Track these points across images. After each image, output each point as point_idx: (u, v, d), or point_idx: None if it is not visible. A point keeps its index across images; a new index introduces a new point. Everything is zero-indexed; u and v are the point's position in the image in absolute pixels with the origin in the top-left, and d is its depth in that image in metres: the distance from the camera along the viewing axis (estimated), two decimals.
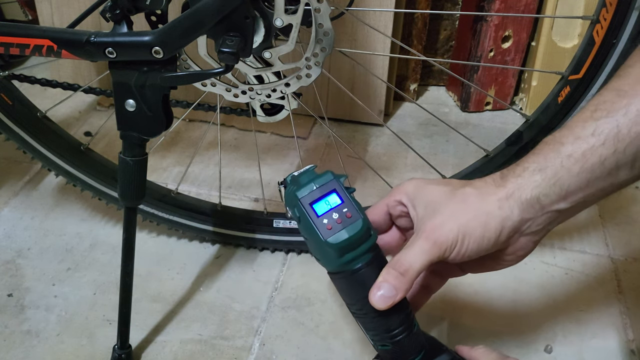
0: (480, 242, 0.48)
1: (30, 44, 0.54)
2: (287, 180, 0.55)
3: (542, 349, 0.72)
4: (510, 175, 0.49)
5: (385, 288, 0.48)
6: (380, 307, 0.48)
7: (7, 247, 0.85)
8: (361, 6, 0.97)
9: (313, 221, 0.50)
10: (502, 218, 0.47)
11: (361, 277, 0.51)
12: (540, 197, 0.47)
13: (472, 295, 0.78)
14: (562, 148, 0.47)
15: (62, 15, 1.11)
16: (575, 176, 0.46)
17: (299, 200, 0.51)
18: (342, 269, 0.51)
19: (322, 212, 0.51)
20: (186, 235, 0.87)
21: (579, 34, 1.06)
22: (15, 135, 0.75)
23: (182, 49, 0.59)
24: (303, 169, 0.54)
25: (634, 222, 0.91)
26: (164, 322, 0.75)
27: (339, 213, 0.50)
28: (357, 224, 0.50)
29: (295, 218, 0.53)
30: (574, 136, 0.46)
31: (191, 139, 1.10)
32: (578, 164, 0.46)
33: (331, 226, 0.50)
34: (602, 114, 0.45)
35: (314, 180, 0.52)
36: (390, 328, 0.52)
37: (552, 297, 0.78)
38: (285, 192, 0.55)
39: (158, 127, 0.59)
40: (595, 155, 0.45)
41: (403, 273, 0.48)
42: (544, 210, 0.48)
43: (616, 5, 0.58)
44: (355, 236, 0.50)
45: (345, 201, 0.51)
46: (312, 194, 0.51)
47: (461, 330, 0.74)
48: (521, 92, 1.19)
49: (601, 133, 0.45)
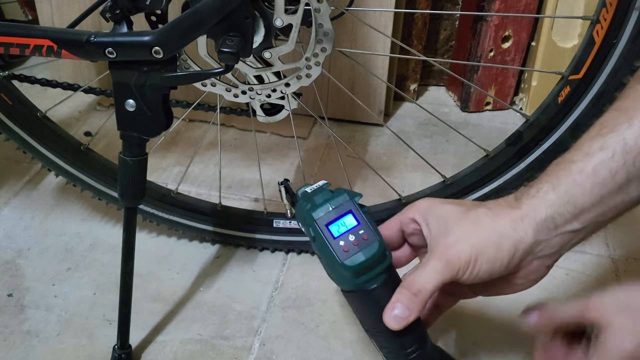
0: (493, 263, 0.48)
1: (30, 44, 0.54)
2: (298, 195, 0.55)
3: None
4: (524, 197, 0.49)
5: (398, 309, 0.48)
6: (394, 327, 0.48)
7: (7, 247, 0.85)
8: (361, 6, 0.97)
9: (329, 243, 0.50)
10: (516, 240, 0.48)
11: (376, 297, 0.51)
12: (555, 216, 0.47)
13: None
14: (572, 166, 0.47)
15: (62, 15, 1.11)
16: (587, 192, 0.46)
17: (314, 222, 0.51)
18: (356, 288, 0.51)
19: (338, 234, 0.51)
20: (186, 235, 0.87)
21: (579, 34, 1.06)
22: (15, 135, 0.75)
23: (182, 49, 0.59)
24: (316, 186, 0.54)
25: (635, 223, 0.91)
26: (164, 322, 0.75)
27: (355, 235, 0.50)
28: (373, 247, 0.50)
29: (309, 236, 0.53)
30: (583, 153, 0.47)
31: (191, 139, 1.10)
32: (590, 179, 0.46)
33: (347, 248, 0.50)
34: (607, 130, 0.47)
35: (329, 200, 0.52)
36: (404, 346, 0.52)
37: (553, 297, 0.78)
38: (296, 208, 0.55)
39: (158, 127, 0.59)
40: (606, 168, 0.46)
41: (416, 294, 0.48)
42: (558, 231, 0.48)
43: (616, 5, 0.58)
44: (371, 259, 0.50)
45: (361, 222, 0.51)
46: (328, 215, 0.51)
47: (461, 330, 0.74)
48: (521, 92, 1.19)
49: (609, 147, 0.46)
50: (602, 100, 0.62)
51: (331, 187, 0.55)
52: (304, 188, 0.55)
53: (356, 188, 0.97)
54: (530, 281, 0.51)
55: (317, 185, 0.54)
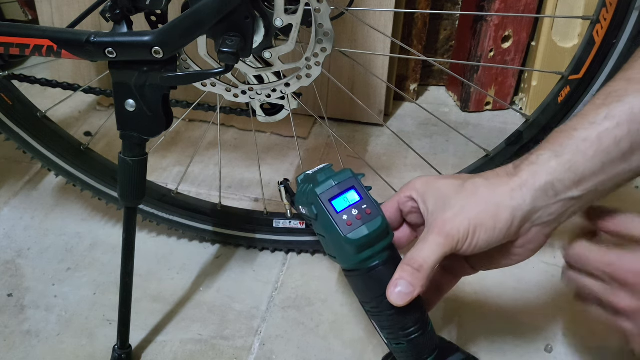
0: (492, 233, 0.48)
1: (30, 44, 0.54)
2: (298, 180, 0.55)
3: (543, 348, 0.72)
4: (524, 164, 0.49)
5: (402, 285, 0.48)
6: (398, 303, 0.48)
7: (7, 247, 0.85)
8: (361, 6, 0.97)
9: (333, 217, 0.50)
10: (513, 208, 0.48)
11: (377, 275, 0.51)
12: (555, 182, 0.47)
13: (471, 294, 0.78)
14: (576, 133, 0.47)
15: (62, 15, 1.11)
16: (590, 159, 0.46)
17: (317, 197, 0.51)
18: (359, 266, 0.51)
19: (341, 208, 0.51)
20: (186, 235, 0.87)
21: (579, 34, 1.06)
22: (15, 135, 0.75)
23: (182, 49, 0.59)
24: (318, 167, 0.54)
25: None
26: (164, 322, 0.75)
27: (359, 209, 0.51)
28: (376, 221, 0.50)
29: (311, 215, 0.53)
30: (588, 121, 0.47)
31: (191, 139, 1.10)
32: (593, 146, 0.46)
33: (351, 222, 0.50)
34: (613, 99, 0.46)
35: (332, 177, 0.52)
36: (406, 326, 0.52)
37: (552, 296, 0.78)
38: (296, 193, 0.55)
39: (158, 127, 0.59)
40: (611, 136, 0.45)
41: (418, 269, 0.48)
42: (557, 198, 0.48)
43: (616, 5, 0.58)
44: (375, 232, 0.50)
45: (364, 198, 0.51)
46: (331, 191, 0.51)
47: (461, 329, 0.74)
48: (521, 92, 1.19)
49: (615, 116, 0.45)
50: None
51: None
52: (304, 173, 0.55)
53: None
54: (529, 250, 0.51)
55: (321, 166, 0.55)
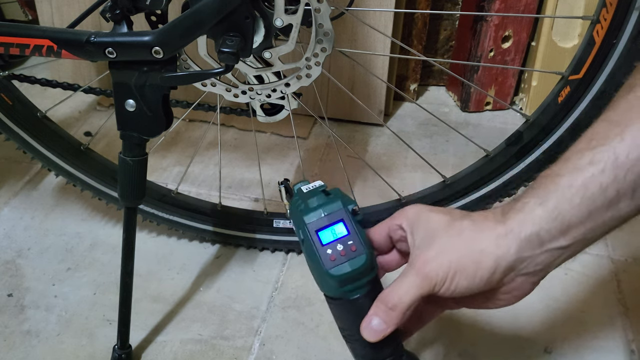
0: (472, 280, 0.47)
1: (30, 44, 0.54)
2: (294, 190, 0.54)
3: (542, 349, 0.72)
4: (511, 211, 0.47)
5: (375, 322, 0.48)
6: (370, 339, 0.48)
7: (7, 247, 0.85)
8: (361, 6, 0.97)
9: (317, 249, 0.50)
10: (497, 256, 0.46)
11: (357, 307, 0.50)
12: (541, 232, 0.45)
13: None
14: (561, 180, 0.45)
15: (62, 15, 1.11)
16: (576, 207, 0.45)
17: (305, 226, 0.51)
18: (339, 296, 0.51)
19: (327, 241, 0.50)
20: (186, 235, 0.87)
21: (579, 34, 1.06)
22: (15, 135, 0.75)
23: (182, 49, 0.59)
24: (312, 186, 0.54)
25: (634, 223, 0.91)
26: (164, 322, 0.75)
27: (344, 245, 0.50)
28: (360, 259, 0.50)
29: (298, 237, 0.52)
30: (572, 167, 0.45)
31: (191, 139, 1.10)
32: (579, 194, 0.44)
33: (335, 257, 0.49)
34: (597, 143, 0.45)
35: (322, 206, 0.51)
36: (378, 357, 0.52)
37: (552, 297, 0.78)
38: (290, 203, 0.54)
39: (158, 127, 0.59)
40: (596, 183, 0.44)
41: (392, 308, 0.48)
42: (543, 248, 0.46)
43: (616, 5, 0.58)
44: (357, 271, 0.49)
45: (351, 233, 0.51)
46: (319, 221, 0.51)
47: (461, 330, 0.74)
48: (521, 92, 1.19)
49: (599, 161, 0.44)
50: (602, 100, 0.62)
51: (331, 186, 0.55)
52: (300, 184, 0.54)
53: (356, 188, 0.97)
54: (514, 297, 0.49)
55: (314, 185, 0.54)
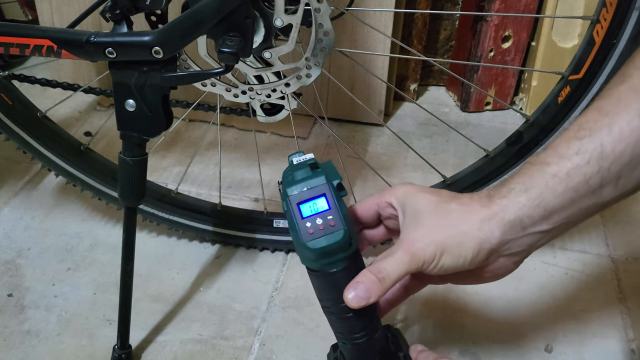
0: (457, 260, 0.49)
1: (30, 44, 0.54)
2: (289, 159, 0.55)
3: (543, 348, 0.72)
4: (496, 195, 0.49)
5: (360, 289, 0.49)
6: (352, 306, 0.49)
7: (7, 247, 0.85)
8: (361, 6, 0.97)
9: (297, 221, 0.50)
10: (481, 240, 0.48)
11: (335, 280, 0.51)
12: (524, 218, 0.47)
13: (472, 294, 0.78)
14: (547, 168, 0.47)
15: (62, 15, 1.11)
16: (559, 196, 0.46)
17: (288, 197, 0.51)
18: (318, 268, 0.52)
19: (307, 214, 0.51)
20: (186, 235, 0.87)
21: (579, 34, 1.06)
22: (15, 135, 0.75)
23: (182, 49, 0.59)
24: (303, 159, 0.54)
25: (634, 222, 0.91)
26: (164, 322, 0.75)
27: (323, 219, 0.50)
28: (337, 234, 0.50)
29: (283, 209, 0.53)
30: (559, 156, 0.47)
31: (191, 139, 1.10)
32: (563, 183, 0.46)
33: (313, 230, 0.50)
34: (585, 133, 0.46)
35: (306, 179, 0.52)
36: (353, 330, 0.53)
37: (552, 296, 0.78)
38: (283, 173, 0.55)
39: (158, 127, 0.59)
40: (580, 174, 0.45)
41: (380, 280, 0.49)
42: (526, 232, 0.48)
43: (616, 5, 0.58)
44: (333, 246, 0.50)
45: (332, 208, 0.51)
46: (301, 194, 0.51)
47: (461, 329, 0.74)
48: (521, 92, 1.19)
49: (585, 152, 0.45)
50: None
51: None
52: (294, 156, 0.55)
53: (356, 188, 0.97)
54: (497, 275, 0.52)
55: (304, 158, 0.54)
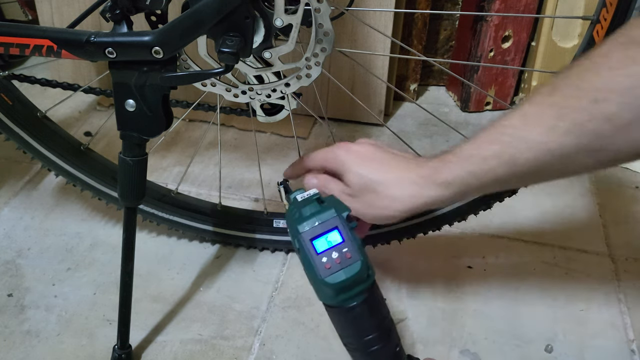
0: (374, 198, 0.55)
1: (30, 44, 0.54)
2: (290, 199, 0.54)
3: (543, 348, 0.72)
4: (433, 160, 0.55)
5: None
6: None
7: (7, 247, 0.85)
8: (361, 6, 0.97)
9: (312, 258, 0.50)
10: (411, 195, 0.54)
11: (355, 315, 0.51)
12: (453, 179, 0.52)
13: (472, 294, 0.78)
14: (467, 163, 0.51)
15: (62, 15, 1.11)
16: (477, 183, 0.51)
17: (299, 235, 0.51)
18: (337, 304, 0.51)
19: (321, 249, 0.50)
20: (186, 235, 0.87)
21: (579, 34, 1.06)
22: (15, 135, 0.75)
23: (182, 49, 0.59)
24: (307, 194, 0.54)
25: (634, 222, 0.91)
26: (164, 322, 0.75)
27: (339, 252, 0.50)
28: (355, 266, 0.50)
29: (294, 246, 0.53)
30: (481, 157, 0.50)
31: (191, 139, 1.10)
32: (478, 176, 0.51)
33: (330, 265, 0.49)
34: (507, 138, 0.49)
35: (316, 214, 0.51)
36: None
37: (552, 296, 0.78)
38: (286, 213, 0.54)
39: (158, 127, 0.59)
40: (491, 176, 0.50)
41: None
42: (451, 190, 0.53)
43: (616, 5, 0.58)
44: (352, 278, 0.50)
45: (346, 240, 0.51)
46: (313, 230, 0.51)
47: (462, 329, 0.74)
48: (521, 92, 1.19)
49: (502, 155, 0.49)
50: None
51: None
52: (296, 193, 0.55)
53: None
54: None
55: (308, 194, 0.54)
